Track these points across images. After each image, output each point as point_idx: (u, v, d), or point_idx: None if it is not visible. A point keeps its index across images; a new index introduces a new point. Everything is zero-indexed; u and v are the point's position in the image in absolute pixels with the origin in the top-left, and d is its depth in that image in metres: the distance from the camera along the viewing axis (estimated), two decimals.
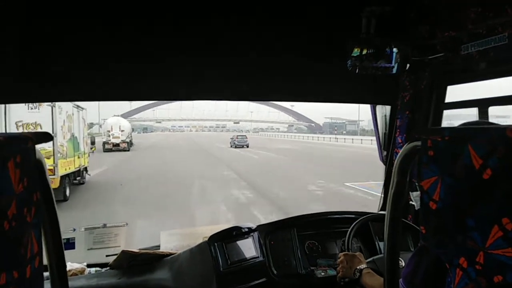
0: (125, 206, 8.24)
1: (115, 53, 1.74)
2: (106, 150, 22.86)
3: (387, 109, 2.27)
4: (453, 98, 1.96)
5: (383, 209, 2.32)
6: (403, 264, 1.61)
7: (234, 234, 1.93)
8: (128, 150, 23.46)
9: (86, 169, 11.84)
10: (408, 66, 1.81)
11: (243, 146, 30.35)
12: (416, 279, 1.02)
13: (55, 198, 0.68)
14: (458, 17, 1.58)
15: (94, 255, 2.03)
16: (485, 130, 0.57)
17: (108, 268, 1.96)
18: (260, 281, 1.87)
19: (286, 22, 1.80)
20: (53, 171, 8.51)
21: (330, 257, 2.00)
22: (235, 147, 30.10)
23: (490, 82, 1.74)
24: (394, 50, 1.70)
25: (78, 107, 10.91)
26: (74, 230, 2.02)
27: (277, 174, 14.36)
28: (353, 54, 1.69)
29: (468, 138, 0.57)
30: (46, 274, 0.67)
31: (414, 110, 2.06)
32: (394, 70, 1.73)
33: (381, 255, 1.75)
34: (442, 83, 1.95)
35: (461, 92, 1.93)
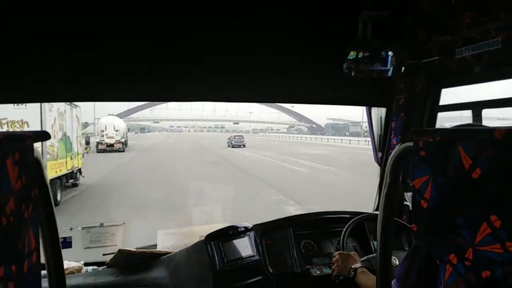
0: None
1: (114, 53, 1.74)
2: (99, 151, 21.99)
3: (383, 111, 2.29)
4: (449, 101, 1.99)
5: (378, 209, 2.34)
6: (397, 262, 1.64)
7: (230, 233, 1.94)
8: (123, 151, 22.87)
9: (80, 170, 11.03)
10: (403, 69, 1.83)
11: (240, 145, 30.45)
12: (409, 278, 1.05)
13: None
14: (453, 21, 1.61)
15: (91, 254, 2.04)
16: (474, 131, 0.59)
17: (105, 266, 1.97)
18: (256, 279, 1.88)
19: (284, 25, 1.81)
20: None
21: (325, 256, 2.01)
22: (232, 147, 30.11)
23: (484, 85, 1.77)
24: (390, 53, 1.72)
25: (71, 105, 10.12)
26: (71, 229, 2.02)
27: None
28: (349, 57, 1.72)
29: (458, 139, 0.58)
30: (44, 273, 0.68)
31: (409, 112, 2.09)
32: (390, 73, 1.75)
33: (375, 254, 1.77)
34: (437, 86, 1.98)
35: (457, 95, 1.96)
